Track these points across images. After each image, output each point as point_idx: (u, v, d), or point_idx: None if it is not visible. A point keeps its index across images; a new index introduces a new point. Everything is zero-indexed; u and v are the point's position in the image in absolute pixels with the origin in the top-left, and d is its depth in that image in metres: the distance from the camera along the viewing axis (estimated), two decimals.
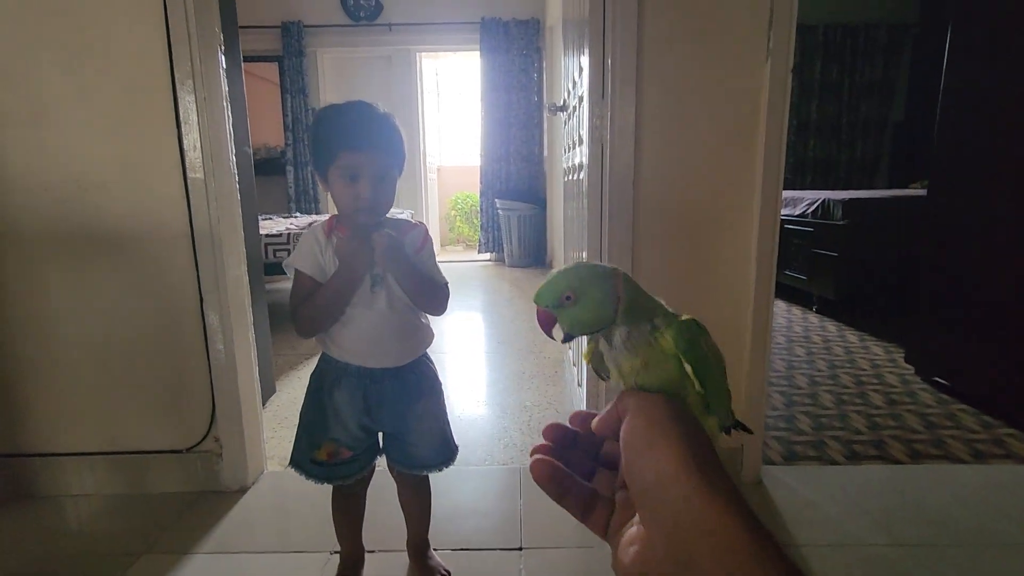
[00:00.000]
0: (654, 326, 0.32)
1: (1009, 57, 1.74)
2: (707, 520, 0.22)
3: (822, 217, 3.07)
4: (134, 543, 1.24)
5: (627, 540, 0.26)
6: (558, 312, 0.32)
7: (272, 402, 1.99)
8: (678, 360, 0.31)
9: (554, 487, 0.29)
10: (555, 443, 0.31)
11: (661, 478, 0.24)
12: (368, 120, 0.92)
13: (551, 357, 2.46)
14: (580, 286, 0.32)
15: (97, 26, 1.26)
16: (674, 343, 0.31)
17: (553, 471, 0.29)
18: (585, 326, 0.32)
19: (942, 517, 1.27)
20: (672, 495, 0.23)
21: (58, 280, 1.36)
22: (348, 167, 0.89)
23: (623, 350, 0.32)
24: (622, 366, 0.32)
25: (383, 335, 0.96)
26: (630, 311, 0.32)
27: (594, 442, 0.32)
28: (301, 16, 4.94)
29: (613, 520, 0.28)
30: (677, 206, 1.37)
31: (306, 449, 1.00)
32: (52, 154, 1.30)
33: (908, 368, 2.17)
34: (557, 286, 0.32)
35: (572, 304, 0.32)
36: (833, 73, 4.63)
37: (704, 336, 0.32)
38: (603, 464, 0.32)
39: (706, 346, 0.32)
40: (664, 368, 0.31)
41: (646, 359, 0.31)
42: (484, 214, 5.31)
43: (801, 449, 1.59)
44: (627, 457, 0.26)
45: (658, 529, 0.24)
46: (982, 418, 1.75)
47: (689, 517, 0.23)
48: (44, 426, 1.42)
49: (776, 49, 1.28)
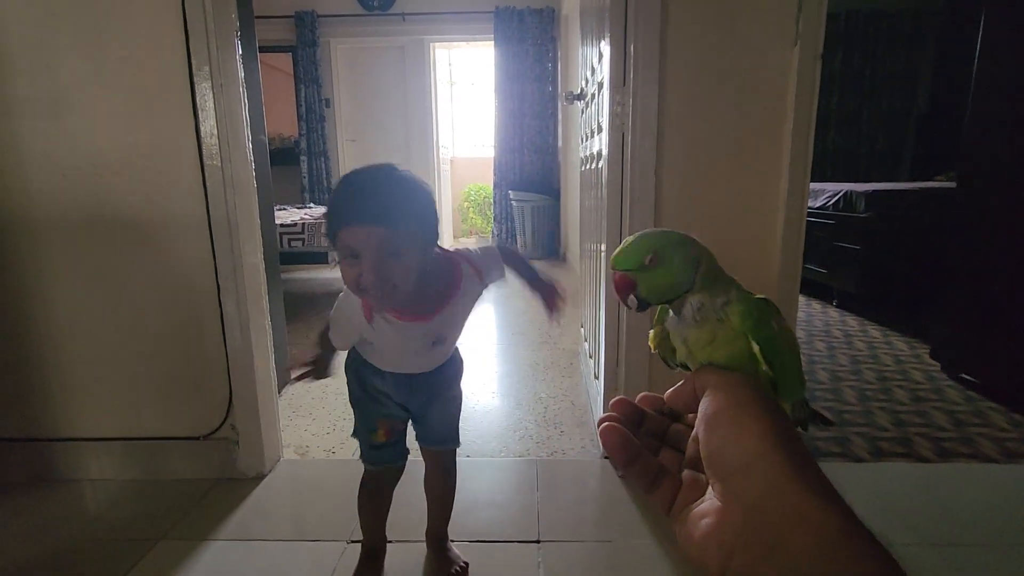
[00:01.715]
0: (727, 300, 0.30)
1: None
2: (796, 501, 0.22)
3: (844, 209, 3.00)
4: (151, 529, 1.24)
5: (698, 513, 0.26)
6: (638, 276, 0.30)
7: (287, 391, 2.00)
8: (746, 338, 0.29)
9: (623, 454, 0.29)
10: (624, 417, 0.31)
11: (746, 457, 0.24)
12: (377, 187, 0.77)
13: (566, 349, 2.44)
14: (662, 249, 0.30)
15: (115, 13, 1.25)
16: (741, 320, 0.29)
17: (623, 438, 0.29)
18: (664, 292, 0.31)
19: (971, 517, 1.24)
20: (757, 475, 0.23)
21: (77, 266, 1.36)
22: (345, 245, 0.74)
23: (692, 322, 0.30)
24: (689, 339, 0.31)
25: (424, 365, 0.98)
26: (707, 280, 0.31)
27: (662, 423, 0.31)
28: (315, 6, 4.93)
29: (680, 498, 0.28)
30: (700, 195, 1.34)
31: (366, 432, 1.02)
32: (70, 141, 1.30)
33: (934, 364, 2.12)
34: (640, 248, 0.30)
35: (654, 268, 0.30)
36: (855, 62, 4.52)
37: (776, 316, 0.30)
38: (670, 445, 0.31)
39: (777, 326, 0.30)
40: (733, 345, 0.29)
41: (715, 333, 0.30)
42: (497, 205, 5.29)
43: (824, 445, 1.56)
44: (709, 434, 0.26)
45: (739, 506, 0.23)
46: (1012, 416, 1.71)
47: (777, 499, 0.22)
48: (63, 411, 1.43)
49: (805, 34, 1.24)
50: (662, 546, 1.14)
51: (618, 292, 0.31)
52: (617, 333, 1.43)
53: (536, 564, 1.12)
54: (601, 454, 1.52)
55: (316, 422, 1.75)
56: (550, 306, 1.01)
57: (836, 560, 0.20)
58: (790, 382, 0.31)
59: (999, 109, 1.83)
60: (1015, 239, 1.76)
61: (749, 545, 0.22)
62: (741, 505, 0.23)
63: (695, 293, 0.31)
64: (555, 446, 1.59)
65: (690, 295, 0.31)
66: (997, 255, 1.82)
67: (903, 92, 4.58)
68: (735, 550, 0.23)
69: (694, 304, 0.31)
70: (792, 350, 0.31)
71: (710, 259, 0.32)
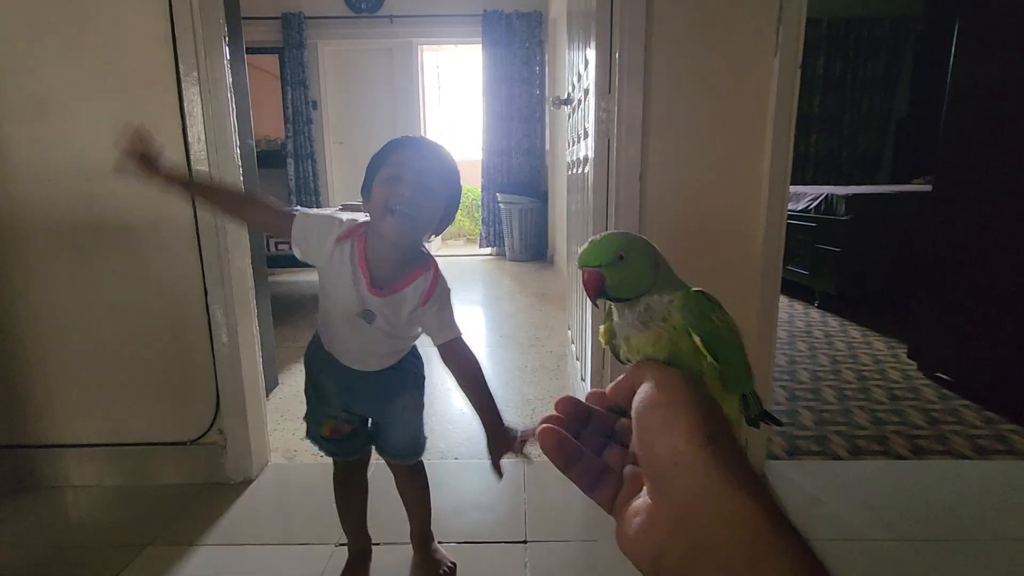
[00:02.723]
0: (672, 299, 0.31)
1: (1017, 51, 1.73)
2: (725, 504, 0.22)
3: (825, 212, 3.06)
4: (138, 535, 1.24)
5: (632, 511, 0.26)
6: (607, 271, 0.32)
7: (275, 394, 1.99)
8: (690, 334, 0.30)
9: (560, 457, 0.29)
10: (567, 416, 0.31)
11: (675, 455, 0.24)
12: (428, 141, 0.91)
13: (554, 351, 2.46)
14: (629, 247, 0.32)
15: (101, 17, 1.25)
16: (681, 314, 0.30)
17: (560, 440, 0.29)
18: (629, 288, 0.32)
19: (945, 512, 1.28)
20: (685, 474, 0.23)
21: (62, 271, 1.35)
22: (396, 164, 0.84)
23: (637, 323, 0.31)
24: (631, 339, 0.32)
25: (367, 353, 0.96)
26: (663, 281, 0.32)
27: (608, 420, 0.32)
28: (302, 7, 4.91)
29: (621, 494, 0.28)
30: (684, 201, 1.36)
31: (313, 424, 1.02)
32: (56, 145, 1.29)
33: (911, 363, 2.18)
34: (610, 245, 0.32)
35: (622, 264, 0.32)
36: (836, 67, 4.61)
37: (716, 309, 0.32)
38: (616, 441, 0.31)
39: (718, 319, 0.31)
40: (676, 343, 0.30)
41: (658, 332, 0.31)
42: (485, 208, 5.31)
43: (804, 444, 1.59)
44: (640, 430, 0.26)
45: (668, 505, 0.24)
46: (985, 414, 1.76)
47: (704, 499, 0.22)
48: (48, 418, 1.42)
49: (785, 44, 1.27)
50: None
51: (589, 288, 0.32)
52: None
53: (523, 564, 1.14)
54: None
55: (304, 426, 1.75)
56: (494, 453, 0.88)
57: (763, 558, 0.20)
58: (737, 374, 0.32)
59: (973, 114, 1.88)
60: (988, 241, 1.81)
61: (678, 544, 0.22)
62: (670, 504, 0.23)
63: (650, 295, 0.32)
64: None
65: (644, 297, 0.32)
66: (971, 257, 1.88)
67: (883, 97, 4.68)
68: (665, 549, 0.23)
69: (640, 307, 0.32)
70: (735, 341, 0.32)
71: (665, 263, 0.33)
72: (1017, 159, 1.72)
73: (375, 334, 0.92)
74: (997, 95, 1.79)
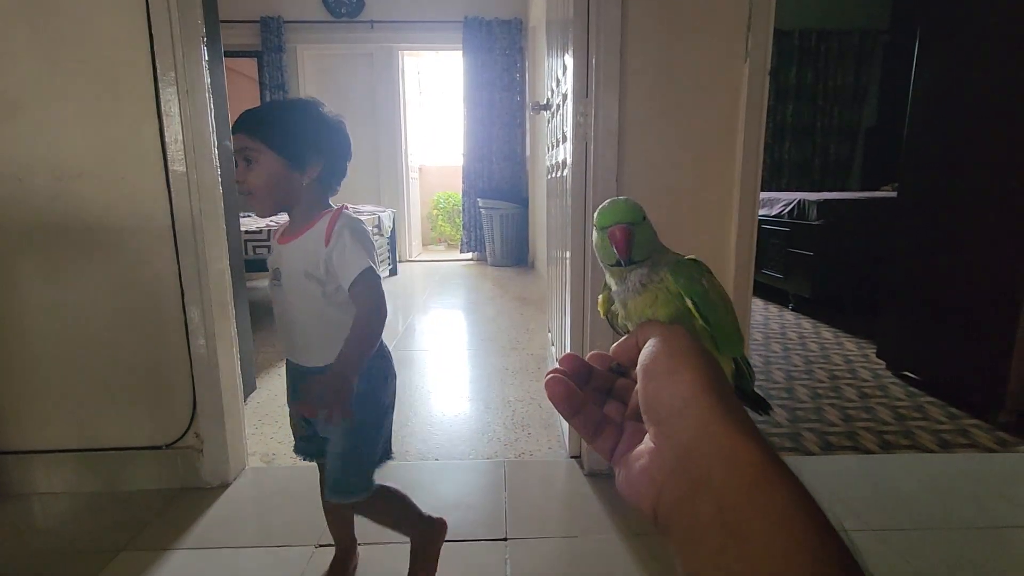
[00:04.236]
0: (666, 265, 0.33)
1: (975, 63, 1.81)
2: (723, 442, 0.23)
3: (798, 217, 3.15)
4: (111, 540, 1.22)
5: (635, 455, 0.27)
6: (636, 229, 0.33)
7: (253, 398, 1.97)
8: (682, 297, 0.32)
9: (566, 404, 0.30)
10: (571, 371, 0.32)
11: (680, 402, 0.25)
12: (263, 106, 0.94)
13: (534, 354, 2.48)
14: (645, 211, 0.34)
15: (76, 15, 1.24)
16: (674, 278, 0.32)
17: (567, 389, 0.30)
18: (647, 248, 0.33)
19: (911, 503, 1.32)
20: (689, 417, 0.25)
21: (33, 273, 1.33)
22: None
23: (638, 288, 0.33)
24: (628, 304, 0.33)
25: (300, 335, 0.91)
26: (661, 247, 0.34)
27: (608, 379, 0.33)
28: (281, 11, 4.89)
29: (621, 445, 0.29)
30: (659, 203, 1.40)
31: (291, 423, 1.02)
32: (28, 145, 1.27)
33: (880, 363, 2.24)
34: (634, 205, 0.33)
35: (645, 224, 0.33)
36: (808, 78, 4.74)
37: (705, 274, 0.34)
38: (615, 398, 0.33)
39: (708, 283, 0.33)
40: (671, 305, 0.32)
41: (655, 296, 0.32)
42: (466, 213, 5.32)
43: (778, 441, 1.63)
44: (646, 382, 0.27)
45: (672, 448, 0.25)
46: (948, 410, 1.82)
47: (706, 439, 0.24)
48: (18, 423, 1.38)
49: (754, 50, 1.32)
50: (626, 541, 1.19)
51: (624, 242, 0.33)
52: (582, 337, 1.48)
53: (503, 561, 1.15)
54: (568, 454, 1.55)
55: (283, 429, 1.74)
56: (315, 393, 0.80)
57: (756, 490, 0.22)
58: (727, 336, 0.34)
59: (934, 123, 1.96)
60: (950, 245, 1.89)
61: (678, 482, 0.24)
62: (673, 446, 0.25)
63: (654, 259, 0.34)
64: (522, 447, 1.62)
65: (648, 260, 0.34)
66: (935, 260, 1.95)
67: (853, 106, 4.82)
68: (665, 487, 0.24)
69: (644, 269, 0.33)
70: (725, 304, 0.34)
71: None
72: (976, 166, 1.80)
73: (292, 301, 0.89)
74: (956, 104, 1.87)
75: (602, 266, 0.36)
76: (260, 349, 2.54)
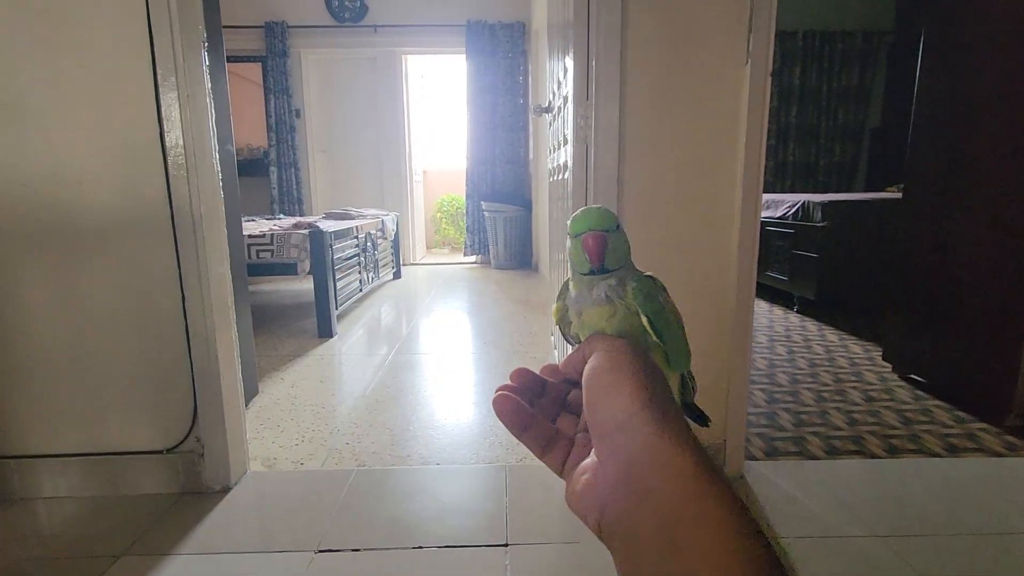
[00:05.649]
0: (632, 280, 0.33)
1: (979, 63, 1.79)
2: (661, 454, 0.24)
3: (803, 219, 3.13)
4: (112, 545, 1.22)
5: (580, 470, 0.27)
6: (610, 238, 0.33)
7: (255, 403, 1.97)
8: (639, 315, 0.32)
9: (515, 421, 0.30)
10: (522, 387, 0.33)
11: (621, 417, 0.26)
12: None
13: (537, 358, 2.47)
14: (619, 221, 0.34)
15: (76, 20, 1.24)
16: (633, 295, 0.32)
17: (515, 406, 0.30)
18: (617, 259, 0.33)
19: (917, 509, 1.31)
20: (628, 432, 0.25)
21: (35, 278, 1.33)
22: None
23: (600, 299, 0.33)
24: (584, 314, 0.33)
25: None
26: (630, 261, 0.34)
27: (562, 391, 0.33)
28: (285, 16, 4.92)
29: (570, 458, 0.30)
30: (660, 206, 1.39)
31: None
32: (29, 150, 1.28)
33: (886, 366, 2.22)
34: (609, 214, 0.33)
35: (619, 233, 0.33)
36: (812, 79, 4.73)
37: (661, 292, 0.34)
38: (568, 411, 0.33)
39: (663, 301, 0.33)
40: (628, 320, 0.32)
41: (614, 310, 0.32)
42: (470, 216, 5.32)
43: (782, 445, 1.62)
44: (589, 395, 0.28)
45: (613, 462, 0.25)
46: (956, 413, 1.80)
47: (644, 452, 0.24)
48: (20, 427, 1.39)
49: (755, 52, 1.31)
50: None
51: (598, 249, 0.32)
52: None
53: (504, 567, 1.14)
54: None
55: (284, 434, 1.74)
56: None
57: (695, 501, 0.22)
58: (677, 353, 0.34)
59: (939, 123, 1.95)
60: (957, 246, 1.87)
61: (621, 495, 0.24)
62: (615, 460, 0.25)
63: (621, 272, 0.33)
64: (524, 451, 1.61)
65: (617, 272, 0.33)
66: (941, 261, 1.93)
67: (857, 107, 4.80)
68: (608, 500, 0.25)
69: (611, 281, 0.33)
70: (678, 323, 0.34)
71: None
72: (981, 166, 1.78)
73: None
74: (962, 105, 1.86)
75: (570, 275, 0.36)
76: (262, 354, 2.54)
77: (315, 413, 1.90)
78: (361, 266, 3.45)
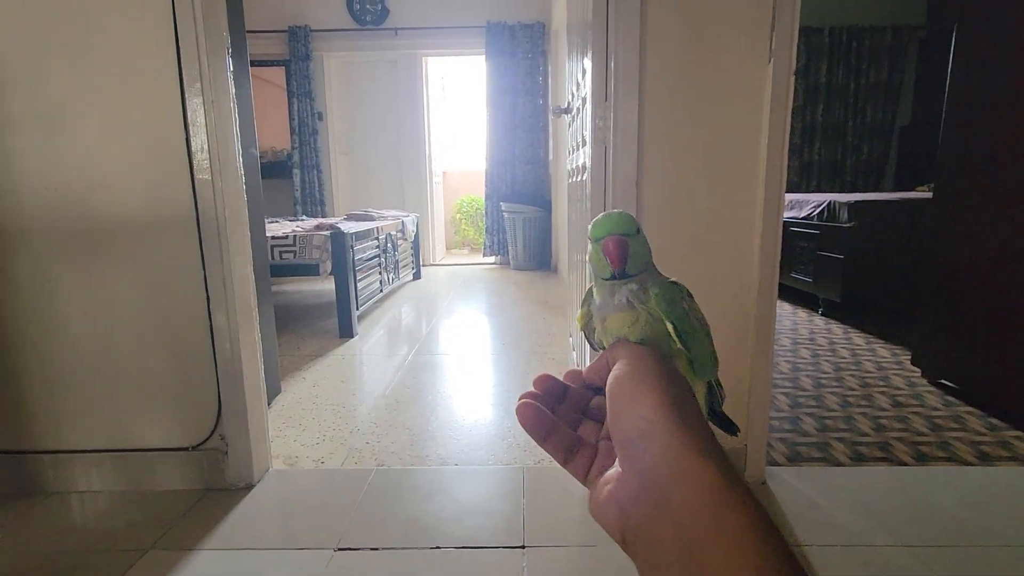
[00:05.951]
0: (655, 285, 0.33)
1: (1013, 59, 1.73)
2: (683, 463, 0.23)
3: (828, 220, 3.06)
4: (139, 539, 1.25)
5: (604, 480, 0.27)
6: (631, 242, 0.33)
7: (277, 402, 2.01)
8: (663, 321, 0.32)
9: (537, 429, 0.30)
10: (545, 393, 0.32)
11: (643, 426, 0.25)
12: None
13: (556, 359, 2.46)
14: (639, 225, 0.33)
15: (106, 30, 1.28)
16: (657, 301, 0.32)
17: (537, 414, 0.30)
18: (638, 264, 0.33)
19: (947, 519, 1.27)
20: (650, 440, 0.25)
21: (66, 279, 1.38)
22: None
23: (623, 305, 0.32)
24: (607, 320, 0.33)
25: None
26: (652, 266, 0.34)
27: (584, 397, 0.33)
28: (307, 21, 5.00)
29: (594, 466, 0.29)
30: (680, 207, 1.37)
31: None
32: (61, 156, 1.32)
33: (914, 370, 2.16)
34: (628, 218, 0.33)
35: (639, 238, 0.33)
36: (839, 76, 4.62)
37: (686, 298, 0.33)
38: (591, 417, 0.33)
39: (688, 307, 0.33)
40: (652, 326, 0.32)
41: (637, 314, 0.32)
42: (489, 217, 5.33)
43: (806, 450, 1.58)
44: (612, 404, 0.28)
45: (635, 471, 0.25)
46: (988, 420, 1.74)
47: (666, 461, 0.24)
48: (52, 423, 1.43)
49: (778, 50, 1.29)
50: None
51: (619, 253, 0.32)
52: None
53: (521, 569, 1.14)
54: None
55: (306, 432, 1.76)
56: None
57: (715, 513, 0.22)
58: (703, 360, 0.33)
59: (971, 121, 1.89)
60: (989, 247, 1.81)
61: (642, 506, 0.24)
62: (637, 470, 0.25)
63: (643, 277, 0.33)
64: (542, 453, 1.60)
65: (638, 277, 0.33)
66: (973, 263, 1.87)
67: (886, 105, 4.68)
68: (631, 510, 0.25)
69: (632, 285, 0.33)
70: (703, 329, 0.34)
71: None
72: (1014, 165, 1.72)
73: None
74: (994, 102, 1.80)
75: (593, 280, 0.35)
76: (284, 353, 2.58)
77: (336, 412, 1.92)
78: (382, 267, 3.49)
